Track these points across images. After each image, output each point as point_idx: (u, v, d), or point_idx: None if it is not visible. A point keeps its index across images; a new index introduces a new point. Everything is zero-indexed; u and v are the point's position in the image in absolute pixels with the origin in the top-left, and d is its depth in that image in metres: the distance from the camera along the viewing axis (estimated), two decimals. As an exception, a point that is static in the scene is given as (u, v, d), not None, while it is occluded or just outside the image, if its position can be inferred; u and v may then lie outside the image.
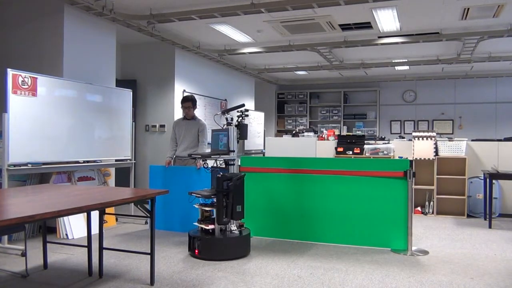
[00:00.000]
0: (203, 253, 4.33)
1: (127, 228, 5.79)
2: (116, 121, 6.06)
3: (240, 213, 4.41)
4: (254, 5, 5.65)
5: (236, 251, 4.40)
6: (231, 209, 4.35)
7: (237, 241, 4.44)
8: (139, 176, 7.81)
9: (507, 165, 6.57)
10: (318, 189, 5.09)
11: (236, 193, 4.36)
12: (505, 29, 6.76)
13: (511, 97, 11.14)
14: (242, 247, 4.48)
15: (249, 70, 10.42)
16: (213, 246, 4.35)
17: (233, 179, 4.33)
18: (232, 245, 4.41)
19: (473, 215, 6.96)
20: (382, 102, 12.31)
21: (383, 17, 6.34)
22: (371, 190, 4.88)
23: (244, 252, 4.48)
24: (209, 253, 4.32)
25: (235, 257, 4.35)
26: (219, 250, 4.34)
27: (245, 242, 4.53)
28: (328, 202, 5.04)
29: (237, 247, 4.43)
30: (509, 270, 4.04)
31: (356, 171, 4.96)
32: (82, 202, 2.97)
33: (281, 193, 5.25)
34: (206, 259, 4.28)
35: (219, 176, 4.36)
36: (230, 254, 4.35)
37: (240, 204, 4.41)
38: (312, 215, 5.10)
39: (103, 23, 6.26)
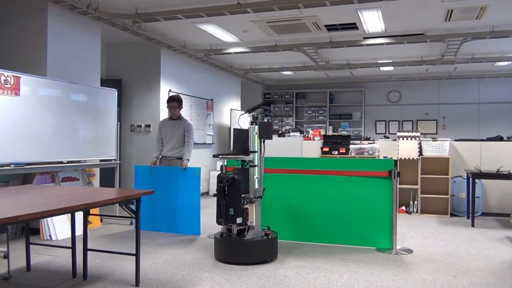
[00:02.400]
0: (218, 254, 4.37)
1: (112, 229, 5.74)
2: (101, 121, 6.00)
3: (232, 216, 4.24)
4: (240, 5, 5.64)
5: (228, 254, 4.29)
6: (225, 211, 4.26)
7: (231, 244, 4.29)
8: (124, 176, 7.75)
9: (489, 165, 6.68)
10: (303, 189, 5.11)
11: (230, 195, 4.24)
12: (488, 31, 6.87)
13: (493, 97, 11.33)
14: (237, 250, 4.28)
15: (235, 70, 10.41)
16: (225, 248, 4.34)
17: (224, 181, 4.23)
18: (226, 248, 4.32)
19: (456, 214, 7.06)
20: (367, 103, 12.41)
21: (368, 18, 6.39)
22: (356, 190, 4.91)
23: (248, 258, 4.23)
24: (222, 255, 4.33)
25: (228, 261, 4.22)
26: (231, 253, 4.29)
27: (254, 247, 4.28)
28: (313, 202, 5.06)
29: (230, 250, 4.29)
30: (491, 268, 4.11)
31: (341, 171, 5.00)
32: (66, 203, 2.94)
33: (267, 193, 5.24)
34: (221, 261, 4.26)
35: (218, 175, 4.33)
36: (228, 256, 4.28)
37: (233, 206, 4.24)
38: (297, 214, 5.12)
39: (88, 22, 6.19)
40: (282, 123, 12.80)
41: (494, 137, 7.73)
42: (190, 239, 5.25)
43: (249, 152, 4.46)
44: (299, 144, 8.32)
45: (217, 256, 4.34)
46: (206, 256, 4.45)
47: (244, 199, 4.37)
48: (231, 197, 4.25)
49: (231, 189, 4.24)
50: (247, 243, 4.27)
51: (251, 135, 4.47)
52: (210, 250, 4.68)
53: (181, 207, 5.55)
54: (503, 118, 11.08)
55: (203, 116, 9.43)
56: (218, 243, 4.37)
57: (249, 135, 4.47)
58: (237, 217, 4.25)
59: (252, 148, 4.45)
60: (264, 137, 4.52)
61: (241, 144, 4.55)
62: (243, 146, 4.52)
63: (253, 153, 4.44)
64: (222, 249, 4.33)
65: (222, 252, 4.31)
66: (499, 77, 11.09)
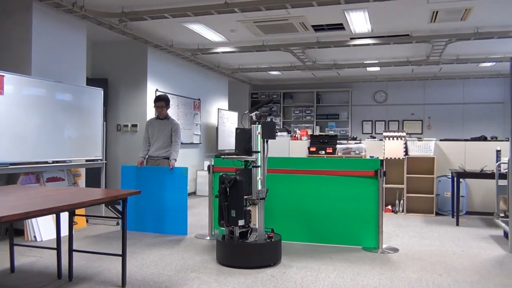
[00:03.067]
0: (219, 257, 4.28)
1: (98, 230, 5.69)
2: (86, 120, 5.94)
3: (234, 218, 4.11)
4: (227, 5, 5.64)
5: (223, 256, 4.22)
6: (226, 213, 4.14)
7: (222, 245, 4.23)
8: (111, 176, 7.69)
9: (473, 164, 6.77)
10: (290, 189, 5.12)
11: (231, 197, 4.12)
12: (472, 32, 6.96)
13: (478, 98, 11.49)
14: (224, 251, 4.23)
15: (222, 70, 10.39)
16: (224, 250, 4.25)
17: (225, 182, 4.12)
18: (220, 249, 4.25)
19: (441, 213, 7.15)
20: (354, 103, 12.49)
21: (355, 18, 6.43)
22: (343, 189, 4.94)
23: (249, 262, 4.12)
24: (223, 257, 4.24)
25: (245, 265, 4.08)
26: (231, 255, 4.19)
27: (255, 250, 4.16)
28: (300, 201, 5.07)
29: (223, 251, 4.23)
30: (475, 266, 4.17)
31: (328, 171, 5.02)
32: (51, 203, 2.90)
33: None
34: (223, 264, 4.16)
35: (219, 176, 4.22)
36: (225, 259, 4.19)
37: (235, 208, 4.11)
38: (284, 214, 5.13)
39: (73, 20, 6.13)
40: (269, 123, 12.78)
41: (478, 137, 7.84)
42: (177, 239, 5.23)
43: (252, 152, 4.33)
44: (287, 144, 8.35)
45: (219, 259, 4.22)
46: (193, 256, 4.44)
47: (247, 201, 4.25)
48: (233, 199, 4.13)
49: (233, 190, 4.12)
50: (249, 246, 4.15)
51: (254, 135, 4.35)
52: (197, 250, 4.68)
53: (168, 207, 5.53)
54: (487, 118, 11.24)
55: (190, 116, 9.40)
56: (220, 246, 4.25)
57: (252, 134, 4.35)
58: (239, 219, 4.12)
59: (255, 148, 4.33)
60: (268, 137, 4.41)
61: (244, 144, 4.41)
62: (246, 146, 4.38)
63: (256, 153, 4.32)
64: (224, 252, 4.21)
65: (224, 255, 4.19)
66: (483, 78, 11.25)
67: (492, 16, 6.35)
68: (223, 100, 11.36)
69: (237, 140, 4.52)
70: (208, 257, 4.43)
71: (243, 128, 4.52)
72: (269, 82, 12.73)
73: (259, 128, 4.35)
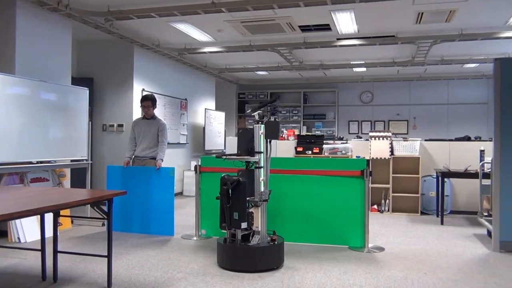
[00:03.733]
0: (220, 260, 4.16)
1: (83, 231, 5.64)
2: (71, 120, 5.88)
3: (237, 221, 4.00)
4: (214, 4, 5.63)
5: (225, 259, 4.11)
6: (229, 216, 4.02)
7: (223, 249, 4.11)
8: (96, 177, 7.62)
9: (457, 164, 6.86)
10: (277, 188, 5.12)
11: (234, 199, 4.01)
12: (457, 34, 7.05)
13: (462, 99, 11.64)
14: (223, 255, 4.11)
15: (209, 70, 10.37)
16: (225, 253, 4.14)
17: (228, 183, 3.99)
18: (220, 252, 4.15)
19: (426, 212, 7.23)
20: (340, 103, 12.57)
21: (341, 19, 6.47)
22: (329, 189, 4.97)
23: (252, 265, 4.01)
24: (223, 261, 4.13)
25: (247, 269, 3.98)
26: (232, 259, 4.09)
27: (258, 254, 4.06)
28: (287, 201, 5.08)
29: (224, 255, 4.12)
30: (459, 265, 4.22)
31: (315, 171, 5.04)
32: (36, 204, 2.87)
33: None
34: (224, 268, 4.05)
35: (221, 177, 4.09)
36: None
37: (238, 211, 3.99)
38: (271, 214, 5.12)
39: (58, 19, 6.06)
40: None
41: (462, 137, 7.96)
42: (164, 240, 5.20)
43: (255, 153, 4.20)
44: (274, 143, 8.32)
45: (220, 263, 4.11)
46: (180, 257, 4.42)
47: (249, 203, 4.13)
48: (236, 201, 4.01)
49: (236, 192, 4.00)
50: (252, 249, 4.05)
51: (256, 135, 4.22)
52: (184, 251, 4.66)
53: (154, 208, 5.50)
54: (471, 118, 11.40)
55: (177, 116, 9.36)
56: (222, 249, 4.13)
57: (255, 135, 4.22)
58: (242, 222, 4.01)
59: (258, 148, 4.21)
60: (271, 137, 4.29)
61: (246, 144, 4.29)
62: (248, 147, 4.26)
63: (259, 153, 4.20)
64: (225, 255, 4.09)
65: (225, 259, 4.08)
66: (467, 79, 11.40)
67: (476, 18, 6.44)
68: (210, 100, 11.33)
69: (240, 140, 4.40)
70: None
71: (245, 128, 4.42)
72: (256, 82, 12.74)
73: (262, 128, 4.23)
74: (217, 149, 10.75)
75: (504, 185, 4.71)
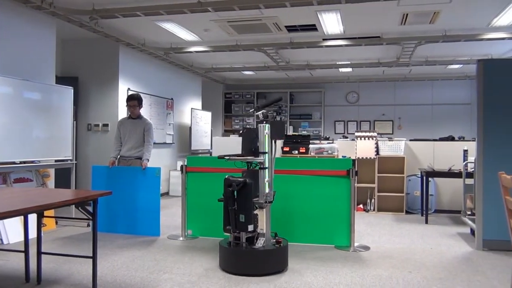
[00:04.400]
0: (223, 264, 4.06)
1: (68, 231, 5.57)
2: (56, 119, 5.81)
3: (243, 224, 3.89)
4: (200, 4, 5.61)
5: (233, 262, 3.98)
6: (234, 218, 3.92)
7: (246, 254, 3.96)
8: (81, 177, 7.54)
9: (442, 164, 6.95)
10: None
11: (239, 201, 3.91)
12: (441, 35, 7.14)
13: (446, 99, 11.80)
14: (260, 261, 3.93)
15: (196, 69, 10.33)
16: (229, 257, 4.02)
17: (233, 185, 3.88)
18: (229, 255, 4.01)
19: (411, 211, 7.31)
20: (326, 103, 12.63)
21: (327, 20, 6.50)
22: (316, 189, 4.99)
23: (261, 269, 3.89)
24: (227, 264, 4.02)
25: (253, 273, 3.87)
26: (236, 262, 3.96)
27: (263, 256, 3.94)
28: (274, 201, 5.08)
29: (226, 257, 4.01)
30: (443, 263, 4.28)
31: (301, 170, 5.06)
32: (19, 205, 2.82)
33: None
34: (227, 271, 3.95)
35: (224, 179, 3.97)
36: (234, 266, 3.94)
37: (244, 213, 3.88)
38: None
39: (42, 17, 5.97)
40: (243, 123, 12.82)
41: (446, 137, 8.06)
42: (150, 240, 5.17)
43: (259, 153, 4.09)
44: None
45: (224, 266, 4.01)
46: (166, 257, 4.40)
47: (253, 204, 4.02)
48: (242, 203, 3.90)
49: (242, 194, 3.89)
50: (258, 252, 3.94)
51: (261, 135, 4.11)
52: (170, 251, 4.64)
53: (140, 208, 5.46)
54: (455, 118, 11.57)
55: (163, 116, 9.31)
56: (226, 253, 4.02)
57: (259, 134, 4.11)
58: (248, 224, 3.90)
59: (262, 148, 4.10)
60: (277, 137, 4.20)
61: (250, 144, 4.17)
62: (251, 147, 4.15)
63: (263, 154, 4.09)
64: (230, 259, 3.99)
65: (230, 263, 3.97)
66: (451, 80, 11.56)
67: (459, 20, 6.53)
68: (196, 100, 11.29)
69: (244, 140, 4.27)
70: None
71: (249, 127, 4.33)
72: (242, 82, 12.73)
73: (267, 127, 4.13)
74: (204, 149, 10.72)
75: (487, 184, 4.78)
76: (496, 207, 4.56)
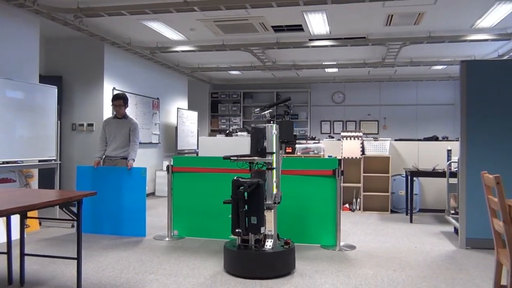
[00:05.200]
0: (228, 267, 3.94)
1: (52, 233, 5.50)
2: (39, 119, 5.73)
3: (255, 226, 3.79)
4: (187, 3, 5.59)
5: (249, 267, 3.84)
6: (244, 220, 3.80)
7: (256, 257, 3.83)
8: (65, 177, 7.45)
9: (426, 163, 7.03)
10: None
11: (251, 202, 3.80)
12: (425, 36, 7.23)
13: (430, 99, 11.95)
14: (269, 264, 3.83)
15: (182, 69, 10.29)
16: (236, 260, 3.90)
17: (244, 186, 3.76)
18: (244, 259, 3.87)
19: (396, 210, 7.38)
20: (313, 103, 12.69)
21: (313, 20, 6.53)
22: (302, 188, 5.00)
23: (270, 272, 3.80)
24: (233, 267, 3.90)
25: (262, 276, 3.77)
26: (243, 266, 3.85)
27: (274, 259, 3.84)
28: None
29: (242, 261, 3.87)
30: (427, 262, 4.33)
31: (287, 170, 5.06)
32: (1, 206, 2.78)
33: (214, 193, 5.23)
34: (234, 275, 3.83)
35: (233, 180, 3.86)
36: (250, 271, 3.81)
37: (255, 215, 3.78)
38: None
39: (25, 15, 5.89)
40: (229, 123, 12.81)
41: (431, 137, 8.16)
42: (136, 241, 5.13)
43: (267, 154, 4.02)
44: (247, 143, 8.35)
45: (231, 270, 3.89)
46: (152, 258, 4.37)
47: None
48: (254, 205, 3.80)
49: (254, 195, 3.79)
50: (270, 255, 3.83)
51: (269, 135, 4.06)
52: (155, 252, 4.61)
53: (125, 209, 5.41)
54: (439, 119, 11.72)
55: (149, 115, 9.25)
56: (233, 256, 3.89)
57: (267, 134, 4.05)
58: (261, 226, 3.82)
59: (270, 149, 4.04)
60: (286, 137, 4.14)
61: (256, 144, 4.10)
62: (258, 147, 4.08)
63: (271, 154, 4.02)
64: (238, 262, 3.87)
65: (238, 266, 3.86)
66: (435, 80, 11.71)
67: (443, 21, 6.62)
68: (182, 100, 11.25)
69: (252, 140, 4.19)
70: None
71: (256, 127, 4.18)
72: (229, 82, 12.72)
73: (275, 127, 4.08)
74: (190, 149, 10.68)
75: (470, 184, 4.85)
76: (479, 206, 4.63)
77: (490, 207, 2.94)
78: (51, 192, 3.75)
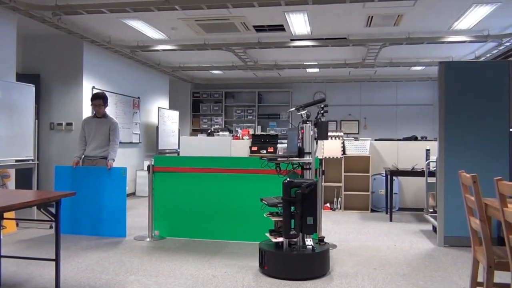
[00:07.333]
0: (271, 269, 3.84)
1: (30, 234, 5.40)
2: (16, 118, 5.61)
3: (311, 226, 3.81)
4: (168, 2, 5.55)
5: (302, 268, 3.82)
6: (299, 221, 3.80)
7: (303, 258, 3.85)
8: (43, 178, 7.31)
9: (405, 163, 7.12)
10: (231, 188, 5.13)
11: (305, 203, 3.80)
12: (404, 37, 7.33)
13: (409, 100, 12.12)
14: (314, 264, 3.85)
15: (163, 68, 10.21)
16: (279, 261, 3.85)
17: (302, 187, 3.76)
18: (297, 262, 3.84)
19: (376, 209, 7.46)
20: (294, 103, 12.72)
21: (295, 20, 6.56)
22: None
23: (317, 271, 3.83)
24: (275, 270, 3.83)
25: (307, 276, 3.76)
26: (285, 267, 3.81)
27: (319, 259, 3.87)
28: (241, 200, 5.09)
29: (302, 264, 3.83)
30: (407, 260, 4.39)
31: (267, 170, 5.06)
32: (-24, 207, 2.71)
33: (196, 193, 5.22)
34: (276, 277, 3.77)
35: (285, 182, 3.83)
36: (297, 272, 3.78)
37: (311, 215, 3.80)
38: (225, 213, 5.13)
39: (2, 12, 5.76)
40: (211, 122, 12.78)
41: (410, 137, 8.28)
42: (116, 241, 5.07)
43: (305, 154, 4.06)
44: (228, 143, 8.36)
45: (271, 272, 3.81)
46: (133, 258, 4.33)
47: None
48: (310, 205, 3.81)
49: (309, 196, 3.79)
50: (313, 255, 3.84)
51: (307, 135, 4.09)
52: (136, 252, 4.56)
53: (105, 209, 5.35)
54: (418, 119, 11.89)
55: (130, 115, 9.15)
56: (274, 257, 3.83)
57: (305, 135, 4.09)
58: (316, 227, 3.86)
59: (308, 149, 4.08)
60: (321, 138, 4.24)
61: (294, 144, 4.14)
62: (294, 147, 4.13)
63: (309, 154, 4.05)
64: (280, 263, 3.82)
65: (279, 267, 3.80)
66: (414, 81, 11.88)
67: (422, 23, 6.73)
68: (163, 99, 11.16)
69: (290, 140, 4.22)
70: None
71: (294, 126, 4.24)
72: (211, 81, 12.68)
73: (312, 128, 4.14)
74: (171, 148, 10.61)
75: (448, 183, 4.94)
76: (456, 205, 4.72)
77: (467, 205, 2.99)
78: (28, 193, 3.68)
